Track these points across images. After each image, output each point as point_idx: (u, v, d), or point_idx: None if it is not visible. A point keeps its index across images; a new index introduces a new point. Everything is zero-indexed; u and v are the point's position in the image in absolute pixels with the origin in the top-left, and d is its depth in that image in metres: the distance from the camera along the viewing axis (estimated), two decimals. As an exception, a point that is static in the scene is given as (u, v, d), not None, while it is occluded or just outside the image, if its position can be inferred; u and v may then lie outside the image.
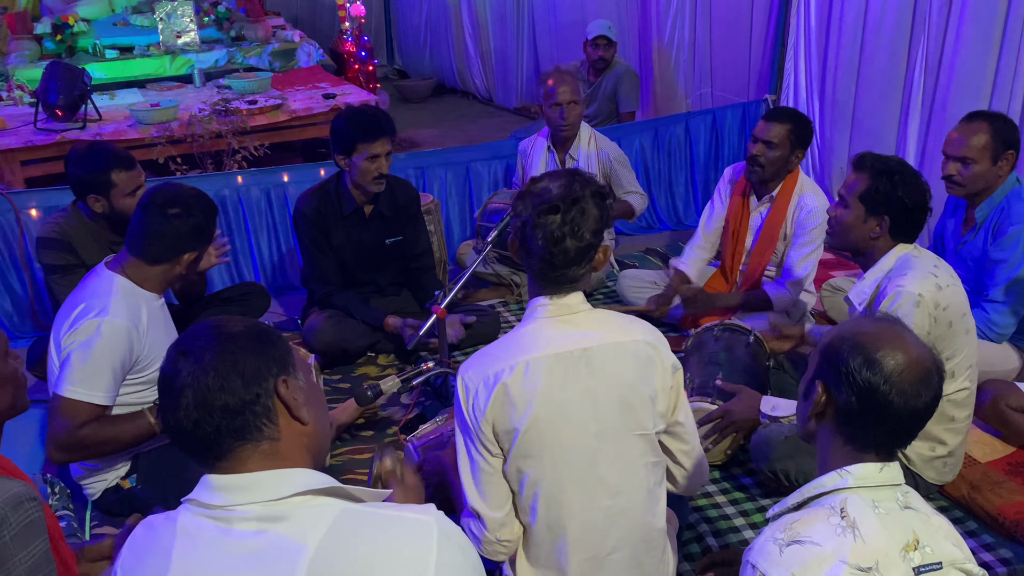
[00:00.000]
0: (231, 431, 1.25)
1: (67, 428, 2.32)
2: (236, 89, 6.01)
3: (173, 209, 2.49)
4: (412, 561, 1.19)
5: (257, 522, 1.22)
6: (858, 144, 4.76)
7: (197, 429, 1.24)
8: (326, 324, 3.45)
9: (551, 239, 1.80)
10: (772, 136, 3.38)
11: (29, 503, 1.61)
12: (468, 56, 8.58)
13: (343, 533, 1.20)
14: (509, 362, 1.83)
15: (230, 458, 1.26)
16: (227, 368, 1.25)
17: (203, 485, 1.27)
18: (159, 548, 1.26)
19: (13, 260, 3.94)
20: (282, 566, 1.18)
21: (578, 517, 1.86)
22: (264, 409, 1.28)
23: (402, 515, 1.25)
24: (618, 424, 1.85)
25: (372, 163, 3.36)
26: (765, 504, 2.60)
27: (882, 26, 4.44)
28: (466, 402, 1.85)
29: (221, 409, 1.24)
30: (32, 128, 5.25)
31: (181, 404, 1.24)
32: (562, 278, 1.85)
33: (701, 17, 5.75)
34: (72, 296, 2.48)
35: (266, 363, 1.29)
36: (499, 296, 4.16)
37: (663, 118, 5.28)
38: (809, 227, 3.46)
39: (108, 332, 2.35)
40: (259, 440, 1.27)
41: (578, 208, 1.81)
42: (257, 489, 1.24)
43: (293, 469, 1.27)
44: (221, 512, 1.24)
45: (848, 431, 1.48)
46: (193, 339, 1.29)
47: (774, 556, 1.36)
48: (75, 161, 3.10)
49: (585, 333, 1.86)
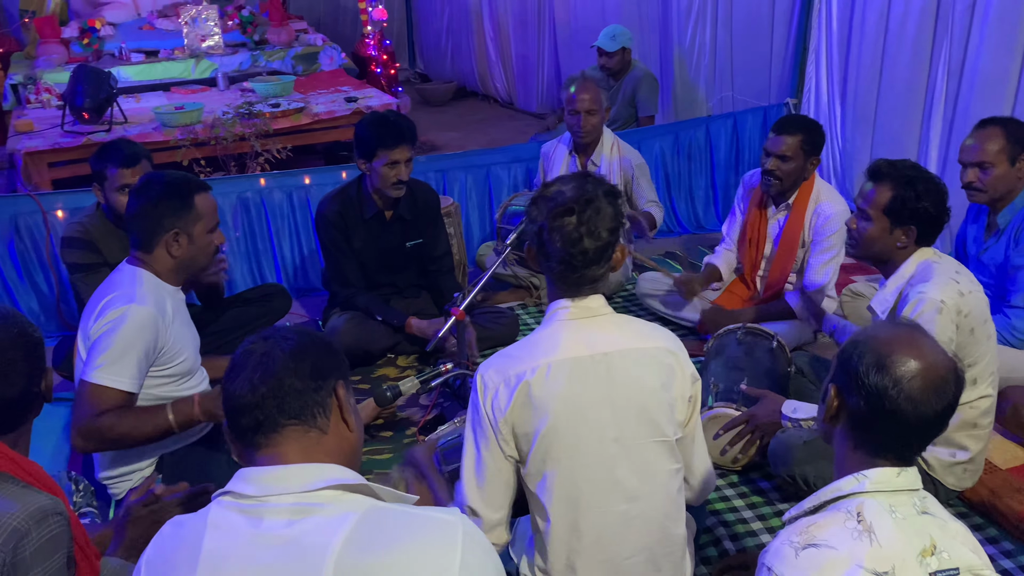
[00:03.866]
0: (289, 410, 1.33)
1: (89, 414, 2.34)
2: (259, 92, 6.07)
3: (140, 191, 2.54)
4: (437, 560, 1.22)
5: (288, 515, 1.25)
6: (880, 148, 4.74)
7: (261, 403, 1.32)
8: (348, 325, 3.48)
9: (569, 240, 1.81)
10: (785, 149, 3.38)
11: (54, 517, 1.62)
12: (489, 60, 8.61)
13: (371, 529, 1.23)
14: (531, 364, 1.84)
15: (276, 441, 1.33)
16: (301, 356, 1.36)
17: (238, 478, 1.32)
18: (189, 542, 1.29)
19: (40, 260, 4.00)
20: (310, 559, 1.21)
21: (595, 521, 1.87)
22: (322, 401, 1.36)
23: (428, 515, 1.28)
24: (637, 430, 1.86)
25: (392, 169, 3.40)
26: (783, 508, 2.60)
27: (904, 30, 4.42)
28: (484, 401, 1.86)
29: (288, 388, 1.33)
30: (59, 130, 5.33)
31: (252, 379, 1.33)
32: (582, 279, 1.86)
33: (722, 20, 5.74)
34: (98, 291, 2.50)
35: (332, 364, 1.40)
36: (518, 299, 4.17)
37: (683, 122, 5.28)
38: (827, 233, 3.45)
39: (134, 317, 2.37)
40: (310, 426, 1.34)
41: (593, 208, 1.82)
42: (290, 480, 1.28)
43: (325, 464, 1.32)
44: (253, 504, 1.27)
45: (859, 435, 1.48)
46: (274, 330, 1.42)
47: (790, 559, 1.36)
48: (94, 155, 3.23)
49: (606, 337, 1.87)
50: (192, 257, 2.57)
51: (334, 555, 1.20)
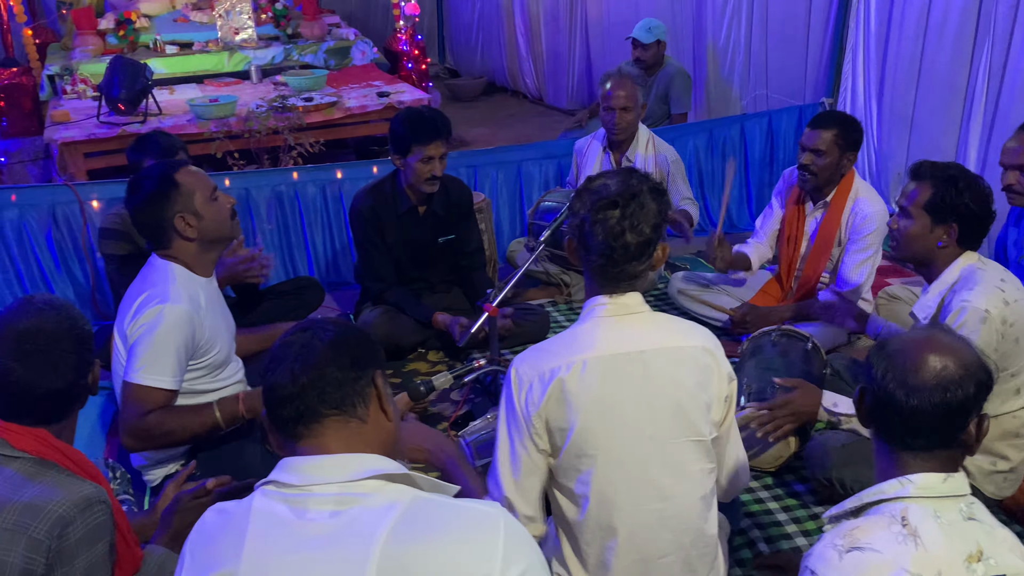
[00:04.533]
0: (332, 400, 1.34)
1: (137, 415, 2.37)
2: (292, 86, 6.09)
3: (127, 200, 2.57)
4: (480, 552, 1.23)
5: (332, 505, 1.26)
6: (916, 150, 4.68)
7: (302, 394, 1.33)
8: (380, 319, 3.49)
9: (611, 234, 1.80)
10: (819, 143, 3.34)
11: (98, 506, 1.65)
12: (519, 55, 8.59)
13: (415, 520, 1.24)
14: (566, 359, 1.83)
15: (317, 431, 1.34)
16: (340, 346, 1.37)
17: (281, 467, 1.33)
18: (233, 531, 1.30)
19: (76, 249, 4.05)
20: (355, 549, 1.22)
21: (629, 519, 1.86)
22: (362, 391, 1.38)
23: (470, 506, 1.30)
24: (673, 429, 1.84)
25: (426, 165, 3.40)
26: (818, 511, 2.58)
27: (944, 30, 4.36)
28: (518, 395, 1.86)
29: (329, 378, 1.34)
30: (95, 121, 5.38)
31: (293, 369, 1.34)
32: (621, 275, 1.85)
33: (758, 18, 5.69)
34: (132, 287, 2.53)
35: (370, 354, 1.42)
36: (548, 296, 4.17)
37: (718, 120, 5.25)
38: (864, 232, 3.41)
39: (170, 317, 2.39)
40: (351, 415, 1.36)
41: (637, 203, 1.81)
42: (333, 470, 1.29)
43: (367, 454, 1.33)
44: (297, 494, 1.28)
45: (876, 430, 1.51)
46: (312, 321, 1.44)
47: (833, 562, 1.36)
48: (131, 147, 3.27)
49: (643, 335, 1.86)
50: (209, 231, 2.54)
51: (379, 545, 1.21)
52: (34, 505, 1.60)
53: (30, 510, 1.59)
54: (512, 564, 1.23)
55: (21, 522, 1.58)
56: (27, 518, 1.59)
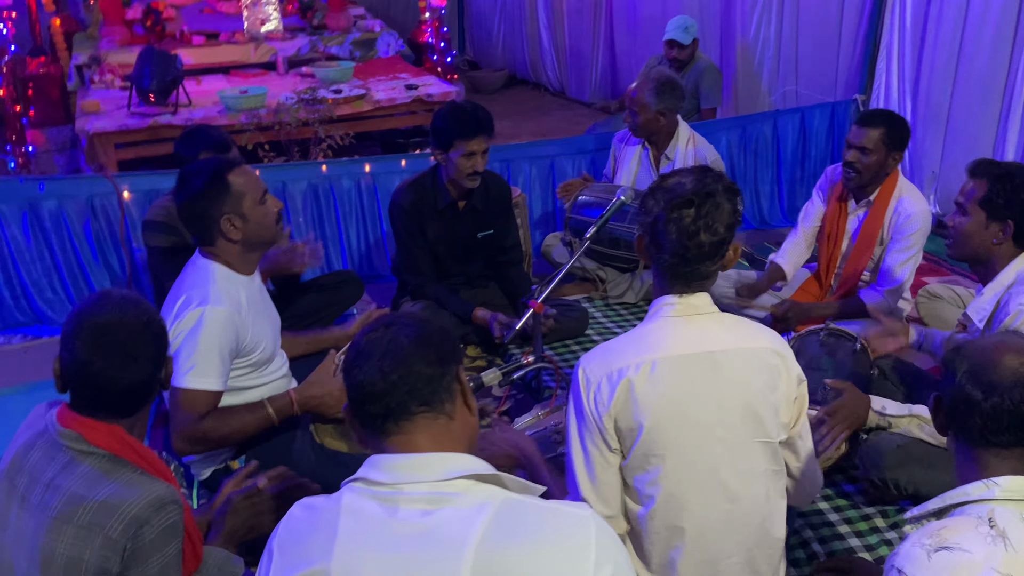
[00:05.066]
0: (421, 396, 1.35)
1: (189, 420, 2.37)
2: (319, 77, 6.08)
3: (176, 192, 2.54)
4: (574, 555, 1.23)
5: (424, 504, 1.27)
6: (952, 149, 4.66)
7: (392, 390, 1.33)
8: (421, 314, 3.48)
9: (686, 233, 1.80)
10: (866, 141, 3.32)
11: (171, 506, 1.66)
12: (542, 47, 8.58)
13: (507, 522, 1.24)
14: (635, 359, 1.83)
15: (408, 428, 1.35)
16: (425, 342, 1.37)
17: (370, 465, 1.34)
18: (323, 527, 1.30)
19: (114, 240, 4.06)
20: (449, 549, 1.22)
21: (697, 520, 1.86)
22: (448, 386, 1.38)
23: (561, 508, 1.30)
24: (742, 430, 1.85)
25: (468, 160, 3.40)
26: (869, 512, 2.58)
27: (983, 27, 4.34)
28: (586, 395, 1.85)
29: (418, 374, 1.34)
30: (126, 112, 5.39)
31: (381, 366, 1.34)
32: (693, 274, 1.85)
33: (788, 13, 5.67)
34: (174, 288, 2.52)
35: (452, 349, 1.43)
36: (584, 292, 4.16)
37: (751, 116, 5.23)
38: (908, 231, 3.39)
39: (211, 320, 2.38)
40: (439, 412, 1.36)
41: (712, 202, 1.81)
42: (425, 469, 1.30)
43: (457, 453, 1.34)
44: (388, 492, 1.29)
45: (956, 433, 1.51)
46: (394, 319, 1.43)
47: (922, 562, 1.36)
48: (180, 140, 3.25)
49: (712, 336, 1.86)
50: (253, 234, 2.52)
51: (473, 547, 1.21)
52: (109, 504, 1.61)
53: (105, 508, 1.60)
54: (604, 565, 1.24)
55: (96, 520, 1.60)
56: (102, 517, 1.60)
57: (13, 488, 1.71)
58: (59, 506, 1.62)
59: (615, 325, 3.89)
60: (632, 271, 4.09)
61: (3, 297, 4.00)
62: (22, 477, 1.70)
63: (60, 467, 1.67)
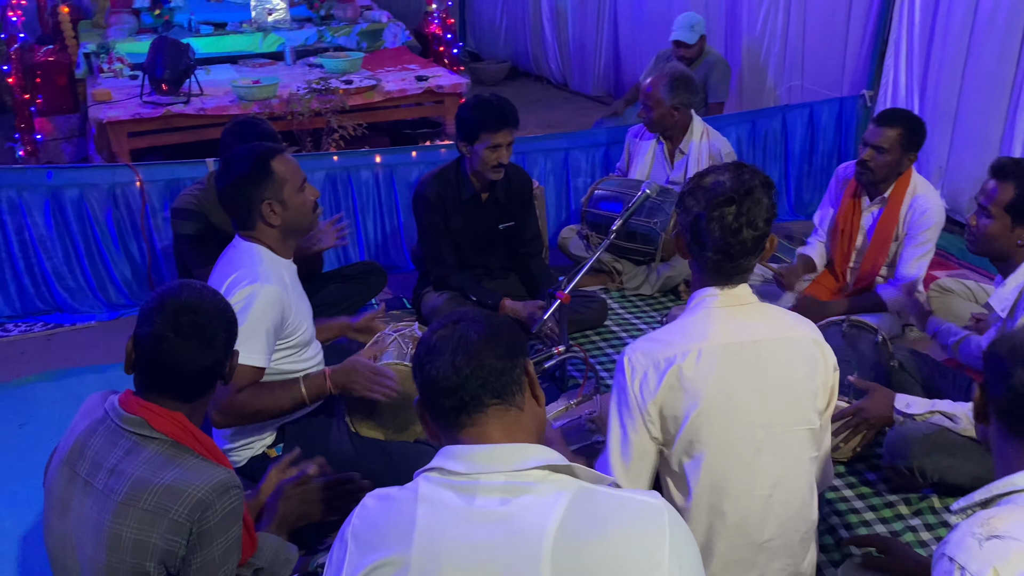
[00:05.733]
0: (493, 389, 1.38)
1: (228, 392, 2.40)
2: (328, 68, 6.10)
3: (220, 176, 2.58)
4: (649, 543, 1.26)
5: (501, 493, 1.29)
6: (959, 146, 4.73)
7: (466, 384, 1.37)
8: (447, 305, 3.54)
9: (729, 230, 1.85)
10: (882, 141, 3.38)
11: (233, 490, 1.71)
12: (544, 39, 8.60)
13: (583, 509, 1.27)
14: (681, 348, 1.88)
15: (481, 420, 1.38)
16: (495, 336, 1.41)
17: (445, 455, 1.36)
18: (400, 517, 1.32)
19: (135, 229, 4.08)
20: (528, 537, 1.25)
21: (739, 504, 1.92)
22: (518, 379, 1.42)
23: (634, 497, 1.33)
24: (785, 417, 1.91)
25: (493, 152, 3.44)
26: (892, 499, 2.65)
27: (993, 24, 4.40)
28: (632, 383, 1.90)
29: (489, 368, 1.38)
30: (138, 101, 5.39)
31: (454, 361, 1.38)
32: (736, 269, 1.91)
33: (795, 8, 5.72)
34: (218, 270, 2.55)
35: (521, 343, 1.46)
36: (600, 283, 4.21)
37: (760, 111, 5.28)
38: (923, 227, 3.47)
39: (262, 296, 2.42)
40: (511, 404, 1.40)
41: (752, 199, 1.86)
42: (501, 459, 1.33)
43: (531, 444, 1.37)
44: (465, 481, 1.32)
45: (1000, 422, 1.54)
46: (460, 314, 1.46)
47: (974, 550, 1.38)
48: (229, 131, 3.24)
49: (755, 325, 1.92)
50: (292, 221, 2.57)
51: (551, 535, 1.24)
52: (174, 488, 1.65)
53: (170, 493, 1.64)
54: (677, 553, 1.27)
55: (162, 504, 1.64)
56: (168, 500, 1.64)
57: (75, 475, 1.74)
58: (124, 490, 1.66)
59: (632, 316, 3.95)
60: (648, 263, 4.15)
61: (24, 285, 4.02)
62: (83, 464, 1.73)
63: (124, 452, 1.71)
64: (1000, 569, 1.35)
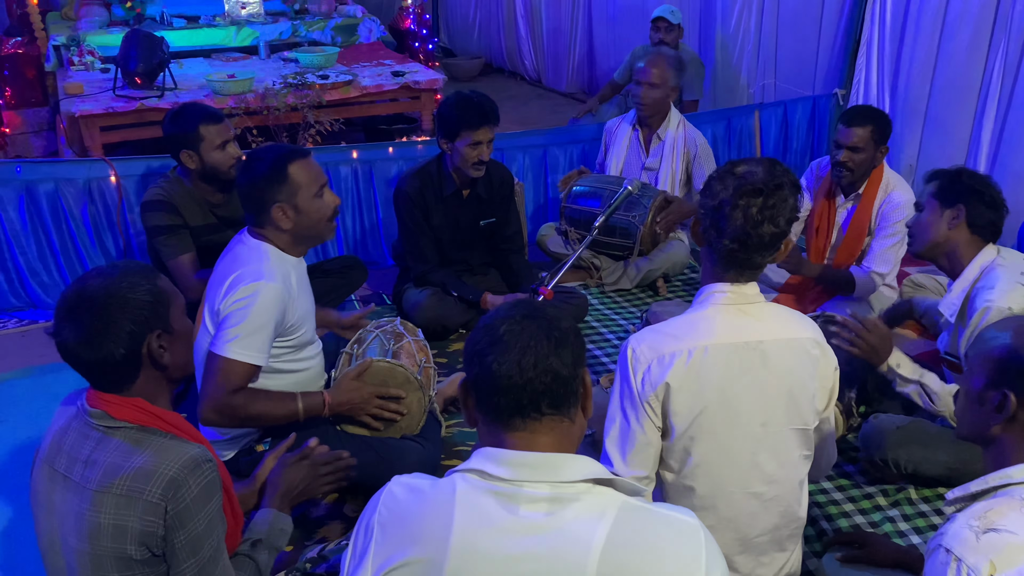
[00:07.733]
0: (552, 397, 1.33)
1: (223, 390, 2.39)
2: (303, 62, 6.05)
3: (242, 172, 2.57)
4: (687, 560, 1.27)
5: (547, 504, 1.27)
6: (929, 143, 4.82)
7: (527, 387, 1.31)
8: (429, 301, 3.55)
9: (751, 221, 1.85)
10: (857, 141, 3.44)
11: (206, 464, 1.69)
12: (519, 35, 8.60)
13: (627, 527, 1.27)
14: (688, 344, 1.89)
15: (533, 427, 1.34)
16: (564, 342, 1.35)
17: (487, 457, 1.32)
18: (436, 516, 1.30)
19: (110, 223, 4.04)
20: (575, 550, 1.24)
21: (733, 500, 1.95)
22: (576, 390, 1.37)
23: (673, 515, 1.32)
24: (783, 417, 1.93)
25: (474, 149, 3.46)
26: (871, 491, 2.71)
27: (962, 25, 4.49)
28: (634, 374, 1.91)
29: (554, 376, 1.32)
30: (111, 95, 5.32)
31: (520, 362, 1.31)
32: (748, 263, 1.92)
33: (769, 7, 5.79)
34: (222, 265, 2.54)
35: (583, 351, 1.40)
36: (579, 279, 4.24)
37: (736, 108, 5.34)
38: (893, 219, 3.53)
39: (265, 295, 2.42)
40: (565, 414, 1.35)
41: (780, 195, 1.87)
42: (548, 469, 1.30)
43: (578, 456, 1.34)
44: (508, 488, 1.29)
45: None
46: (530, 307, 1.40)
47: (970, 542, 1.41)
48: (169, 120, 3.25)
49: (761, 325, 1.93)
50: (303, 226, 2.56)
51: (598, 550, 1.23)
52: (145, 470, 1.63)
53: (141, 475, 1.63)
54: (712, 572, 1.27)
55: (134, 487, 1.63)
56: (140, 483, 1.63)
57: (54, 472, 1.74)
58: (98, 479, 1.65)
59: (612, 312, 3.99)
60: (626, 259, 4.18)
61: (-2, 281, 3.97)
62: (61, 459, 1.73)
63: (94, 444, 1.70)
64: (996, 562, 1.38)
